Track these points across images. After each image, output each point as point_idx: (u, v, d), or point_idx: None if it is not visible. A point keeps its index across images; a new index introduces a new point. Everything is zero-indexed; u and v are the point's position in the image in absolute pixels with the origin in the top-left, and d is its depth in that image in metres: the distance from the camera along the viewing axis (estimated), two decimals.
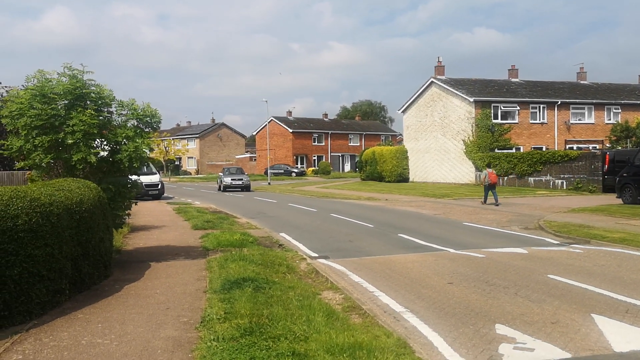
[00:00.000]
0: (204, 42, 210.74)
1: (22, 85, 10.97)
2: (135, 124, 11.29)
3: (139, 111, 11.21)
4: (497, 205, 24.72)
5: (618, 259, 11.64)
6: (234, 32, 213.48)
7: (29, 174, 11.30)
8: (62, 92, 10.48)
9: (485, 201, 26.09)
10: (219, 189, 42.27)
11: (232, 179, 41.15)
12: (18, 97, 10.55)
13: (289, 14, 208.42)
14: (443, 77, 45.41)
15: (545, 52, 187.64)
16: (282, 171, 70.83)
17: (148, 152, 11.71)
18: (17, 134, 10.67)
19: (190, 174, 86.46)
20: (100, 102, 10.95)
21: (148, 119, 11.27)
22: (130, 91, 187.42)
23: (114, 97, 11.23)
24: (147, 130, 11.41)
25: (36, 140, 10.31)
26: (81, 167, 10.59)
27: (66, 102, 10.57)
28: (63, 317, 7.23)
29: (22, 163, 10.90)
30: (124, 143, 10.91)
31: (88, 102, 10.85)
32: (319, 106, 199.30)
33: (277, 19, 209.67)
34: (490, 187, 25.69)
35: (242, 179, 41.26)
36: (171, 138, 79.07)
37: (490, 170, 26.43)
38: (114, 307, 7.85)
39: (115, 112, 11.33)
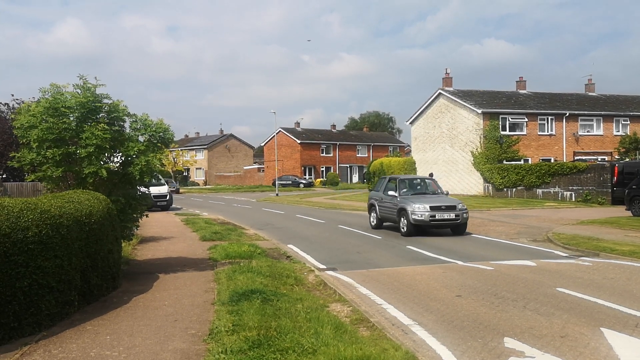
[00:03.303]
0: (215, 53, 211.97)
1: (33, 97, 11.06)
2: (148, 138, 11.37)
3: (153, 127, 11.28)
4: None
5: (627, 272, 11.57)
6: (245, 43, 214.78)
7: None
8: (74, 106, 10.59)
9: None
10: (375, 226, 20.88)
11: (431, 208, 18.17)
12: (30, 110, 10.66)
13: (298, 25, 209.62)
14: (451, 89, 45.45)
15: (556, 63, 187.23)
16: (290, 182, 70.89)
17: (160, 166, 11.81)
18: (29, 146, 10.78)
19: (199, 185, 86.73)
20: (112, 115, 11.05)
21: (161, 134, 11.36)
22: (141, 102, 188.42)
23: (129, 111, 11.34)
24: (159, 145, 11.48)
25: (47, 153, 10.41)
26: (92, 180, 10.68)
27: (78, 115, 10.67)
28: (72, 329, 7.27)
29: (33, 175, 10.99)
30: (136, 156, 11.00)
31: (100, 115, 10.96)
32: (328, 117, 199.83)
33: (288, 30, 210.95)
34: None
35: (455, 207, 18.47)
36: (179, 149, 79.40)
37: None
38: (122, 318, 7.88)
39: (130, 127, 11.43)
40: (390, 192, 19.82)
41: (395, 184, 20.32)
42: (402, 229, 18.56)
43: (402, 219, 18.62)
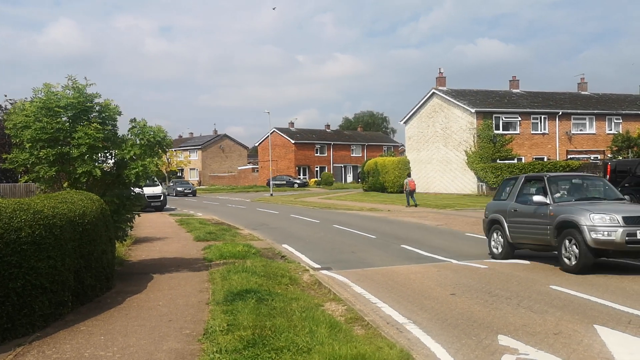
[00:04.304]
0: (210, 53, 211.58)
1: (26, 98, 10.99)
2: (146, 142, 11.28)
3: (152, 134, 11.21)
4: (416, 206, 31.58)
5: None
6: (239, 44, 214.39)
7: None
8: (66, 106, 10.54)
9: (408, 204, 32.28)
10: (503, 254, 13.14)
11: (626, 220, 10.51)
12: (23, 110, 10.61)
13: (292, 26, 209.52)
14: (444, 88, 45.54)
15: (550, 62, 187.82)
16: (285, 182, 70.85)
17: (157, 170, 11.78)
18: (22, 146, 10.72)
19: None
20: (104, 115, 11.01)
21: (159, 139, 11.30)
22: (136, 102, 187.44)
23: (119, 111, 11.27)
24: (157, 150, 11.43)
25: (41, 153, 10.35)
26: (85, 180, 10.64)
27: (71, 115, 10.62)
28: (65, 330, 7.24)
29: (26, 177, 10.94)
30: (133, 159, 10.95)
31: (92, 115, 10.91)
32: (322, 117, 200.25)
33: (282, 31, 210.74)
34: (410, 193, 32.57)
35: None
36: (173, 149, 79.15)
37: (410, 179, 33.99)
38: (116, 319, 7.85)
39: (128, 131, 11.37)
40: (537, 198, 12.18)
41: (544, 185, 12.51)
42: (564, 259, 11.33)
43: (565, 240, 11.32)
